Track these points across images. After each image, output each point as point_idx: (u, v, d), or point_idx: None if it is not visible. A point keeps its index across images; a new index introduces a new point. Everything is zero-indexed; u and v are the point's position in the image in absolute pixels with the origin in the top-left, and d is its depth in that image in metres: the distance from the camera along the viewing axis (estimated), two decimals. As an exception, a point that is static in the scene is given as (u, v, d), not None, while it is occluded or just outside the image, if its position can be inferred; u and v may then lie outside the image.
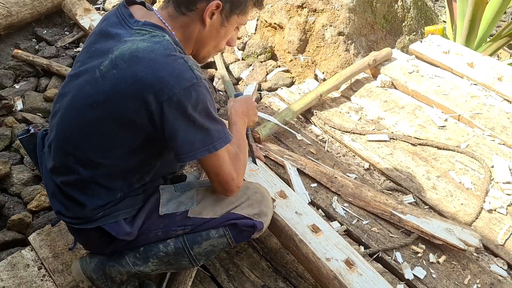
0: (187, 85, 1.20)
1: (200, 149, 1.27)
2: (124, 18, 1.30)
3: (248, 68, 3.30)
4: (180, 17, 1.32)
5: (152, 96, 1.19)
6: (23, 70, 3.26)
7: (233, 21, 1.37)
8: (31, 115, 2.86)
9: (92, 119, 1.27)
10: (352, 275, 1.50)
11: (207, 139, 1.27)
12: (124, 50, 1.22)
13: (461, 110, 2.42)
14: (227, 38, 1.44)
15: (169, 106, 1.20)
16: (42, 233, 1.92)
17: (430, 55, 2.75)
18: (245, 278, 1.77)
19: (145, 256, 1.50)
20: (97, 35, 1.35)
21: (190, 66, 1.22)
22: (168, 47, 1.23)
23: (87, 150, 1.31)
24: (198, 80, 1.22)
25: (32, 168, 2.50)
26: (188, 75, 1.21)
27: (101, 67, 1.24)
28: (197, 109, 1.23)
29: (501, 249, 1.84)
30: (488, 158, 2.19)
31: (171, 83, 1.19)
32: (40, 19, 3.80)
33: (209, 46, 1.41)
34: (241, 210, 1.49)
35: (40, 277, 1.78)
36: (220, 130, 1.30)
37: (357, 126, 2.43)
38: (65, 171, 1.37)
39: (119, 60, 1.22)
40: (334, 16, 3.09)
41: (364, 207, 1.98)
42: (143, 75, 1.19)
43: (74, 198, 1.37)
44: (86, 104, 1.27)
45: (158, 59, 1.20)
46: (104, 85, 1.24)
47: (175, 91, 1.19)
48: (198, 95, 1.22)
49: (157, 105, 1.20)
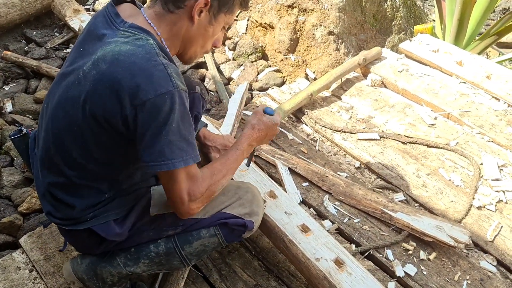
0: (162, 91, 1.17)
1: (159, 162, 1.21)
2: (111, 17, 1.29)
3: (239, 68, 3.30)
4: (167, 15, 1.31)
5: (128, 99, 1.18)
6: (13, 72, 3.23)
7: (220, 19, 1.37)
8: (21, 117, 2.84)
9: (75, 119, 1.27)
10: (342, 274, 1.50)
11: (169, 154, 1.21)
12: (107, 51, 1.21)
13: (451, 108, 2.44)
14: (214, 38, 1.43)
15: (142, 111, 1.18)
16: (33, 236, 1.91)
17: (420, 54, 2.77)
18: (237, 277, 1.78)
19: (136, 257, 1.50)
20: (85, 34, 1.35)
21: (169, 73, 1.20)
22: (150, 52, 1.21)
23: (72, 150, 1.31)
24: (174, 88, 1.19)
25: (23, 170, 2.49)
26: (165, 82, 1.19)
27: (84, 68, 1.25)
28: (169, 119, 1.19)
29: (490, 246, 1.86)
30: (477, 156, 2.21)
31: (146, 89, 1.17)
32: (29, 20, 3.77)
33: (196, 45, 1.40)
34: (232, 209, 1.49)
35: (32, 279, 1.77)
36: (184, 148, 1.23)
37: (347, 125, 2.44)
38: (52, 171, 1.37)
39: (101, 61, 1.21)
40: (324, 16, 3.10)
41: (355, 206, 1.99)
42: (121, 78, 1.18)
43: (60, 199, 1.37)
44: (70, 104, 1.28)
45: (138, 63, 1.19)
46: (85, 85, 1.23)
47: (149, 96, 1.17)
48: (172, 103, 1.19)
49: (131, 109, 1.18)
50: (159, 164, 1.21)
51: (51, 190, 1.39)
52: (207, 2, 1.28)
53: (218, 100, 3.06)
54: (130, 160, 1.38)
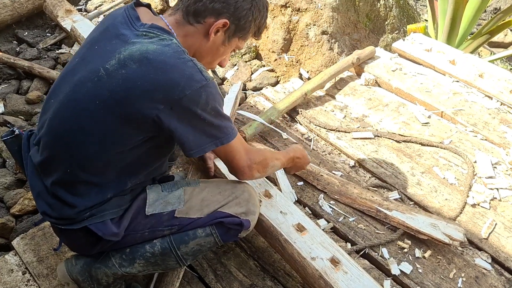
0: (198, 86, 1.24)
1: (208, 143, 1.32)
2: (131, 19, 1.32)
3: (232, 68, 3.29)
4: (186, 25, 1.36)
5: (162, 96, 1.22)
6: (4, 73, 3.21)
7: (233, 42, 1.43)
8: (13, 118, 2.82)
9: (94, 115, 1.27)
10: (337, 273, 1.50)
11: (217, 134, 1.33)
12: (133, 51, 1.24)
13: (444, 107, 2.45)
14: (222, 58, 1.49)
15: (180, 107, 1.24)
16: (26, 238, 1.89)
17: (413, 53, 2.78)
18: (233, 277, 1.77)
19: (131, 257, 1.49)
20: (102, 32, 1.36)
21: (199, 68, 1.27)
22: (177, 50, 1.26)
23: (83, 146, 1.30)
24: (207, 81, 1.26)
25: (15, 172, 2.47)
26: (198, 77, 1.25)
27: (107, 66, 1.25)
28: (207, 109, 1.27)
29: (485, 243, 1.87)
30: (471, 154, 2.22)
31: (182, 85, 1.22)
32: (21, 20, 3.74)
33: (204, 60, 1.44)
34: (228, 208, 1.49)
35: (25, 282, 1.76)
36: (228, 126, 1.35)
37: (342, 124, 2.44)
38: (55, 169, 1.35)
39: (128, 60, 1.23)
40: (318, 15, 3.10)
41: (350, 204, 1.99)
42: (154, 76, 1.22)
43: (61, 198, 1.36)
44: (88, 100, 1.27)
45: (168, 61, 1.23)
46: (110, 83, 1.24)
47: (186, 92, 1.23)
48: (207, 95, 1.26)
49: (166, 105, 1.23)
50: (210, 144, 1.33)
51: (53, 189, 1.37)
52: (226, 23, 1.35)
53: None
54: (146, 159, 1.40)
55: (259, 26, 1.46)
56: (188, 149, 1.32)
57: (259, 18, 1.43)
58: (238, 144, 1.41)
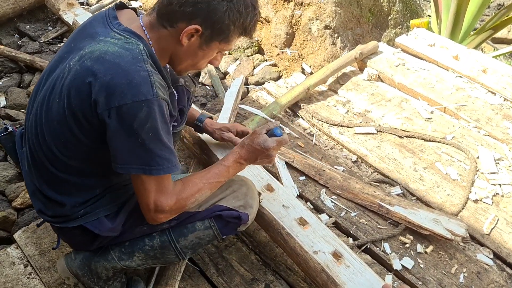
0: (141, 99, 1.15)
1: (135, 165, 1.21)
2: (108, 18, 1.29)
3: (235, 63, 3.28)
4: (160, 28, 1.29)
5: (103, 98, 1.16)
6: (6, 66, 3.20)
7: (213, 46, 1.33)
8: (15, 112, 2.81)
9: (56, 115, 1.25)
10: (340, 267, 1.50)
11: (146, 160, 1.20)
12: (95, 49, 1.20)
13: (447, 102, 2.44)
14: (206, 60, 1.39)
15: (116, 114, 1.15)
16: (28, 231, 1.89)
17: (416, 48, 2.77)
18: (234, 271, 1.77)
19: (130, 251, 1.49)
20: (79, 31, 1.34)
21: (151, 81, 1.17)
22: (137, 57, 1.19)
23: (55, 148, 1.28)
24: (153, 97, 1.17)
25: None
26: (145, 90, 1.16)
27: (71, 63, 1.24)
28: (145, 127, 1.17)
29: (487, 238, 1.86)
30: (474, 149, 2.22)
31: (125, 92, 1.14)
32: (23, 14, 3.73)
33: (186, 63, 1.37)
34: (226, 202, 1.48)
35: (27, 274, 1.76)
36: (164, 157, 1.22)
37: (344, 119, 2.43)
38: (39, 169, 1.35)
39: (87, 57, 1.20)
40: (321, 10, 3.08)
41: (352, 199, 1.99)
42: (101, 76, 1.16)
43: (50, 197, 1.35)
44: (53, 99, 1.26)
45: (122, 65, 1.17)
46: (67, 79, 1.22)
47: (127, 101, 1.14)
48: (149, 112, 1.16)
49: (105, 109, 1.16)
50: (136, 168, 1.20)
51: (40, 188, 1.37)
52: (198, 29, 1.25)
53: (214, 94, 3.04)
54: None
55: (244, 27, 1.32)
56: (113, 160, 1.22)
57: (241, 20, 1.29)
58: (153, 184, 1.24)
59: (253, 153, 1.47)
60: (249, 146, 1.47)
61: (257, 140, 1.46)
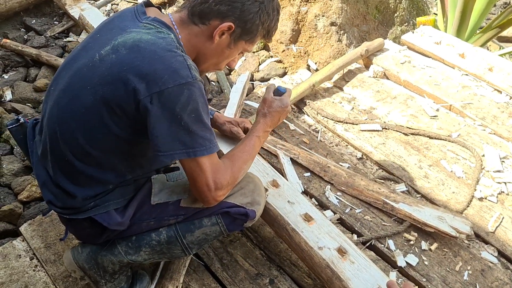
0: (181, 82, 1.18)
1: (179, 150, 1.22)
2: (137, 13, 1.32)
3: (240, 59, 3.28)
4: (191, 25, 1.33)
5: (144, 85, 1.18)
6: (12, 60, 3.22)
7: (239, 45, 1.39)
8: (21, 106, 2.83)
9: (85, 102, 1.25)
10: (344, 263, 1.51)
11: (190, 143, 1.22)
12: (128, 38, 1.23)
13: (453, 100, 2.43)
14: (229, 60, 1.45)
15: (159, 100, 1.18)
16: (34, 224, 1.91)
17: (422, 45, 2.76)
18: (239, 266, 1.78)
19: (137, 245, 1.49)
20: (107, 23, 1.36)
21: (188, 65, 1.22)
22: (170, 44, 1.24)
23: (78, 136, 1.29)
24: (193, 80, 1.20)
25: (23, 159, 2.48)
26: (184, 73, 1.20)
27: (102, 52, 1.25)
28: (187, 109, 1.20)
29: (491, 236, 1.86)
30: (479, 147, 2.21)
31: (166, 77, 1.18)
32: (29, 8, 3.74)
33: (209, 62, 1.42)
34: (233, 198, 1.49)
35: (32, 267, 1.77)
36: (206, 137, 1.25)
37: (349, 116, 2.43)
38: (57, 158, 1.35)
39: (121, 46, 1.22)
40: (327, 6, 3.08)
41: (357, 196, 1.99)
42: (139, 64, 1.19)
43: (63, 187, 1.36)
44: (81, 86, 1.26)
45: (158, 52, 1.20)
46: (100, 67, 1.23)
47: (168, 85, 1.17)
48: (190, 94, 1.20)
49: (147, 95, 1.18)
50: (180, 152, 1.22)
51: (54, 178, 1.37)
52: (231, 27, 1.31)
53: (220, 90, 3.04)
54: (138, 150, 1.37)
55: (269, 30, 1.40)
56: (156, 149, 1.23)
57: (268, 22, 1.37)
58: (208, 164, 1.27)
59: (276, 117, 1.54)
60: (271, 113, 1.53)
61: (274, 104, 1.54)
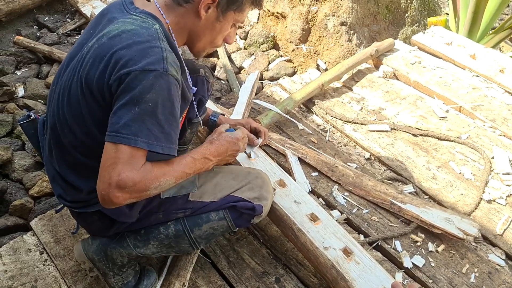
0: (149, 68, 1.16)
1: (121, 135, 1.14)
2: (125, 4, 1.33)
3: (250, 58, 3.29)
4: (176, 7, 1.33)
5: (117, 68, 1.18)
6: (25, 57, 3.26)
7: (229, 17, 1.37)
8: (33, 102, 2.87)
9: (75, 96, 1.28)
10: (350, 263, 1.51)
11: (135, 130, 1.14)
12: (112, 29, 1.24)
13: (463, 102, 2.42)
14: (223, 34, 1.43)
15: (123, 80, 1.16)
16: (44, 219, 1.93)
17: (433, 46, 2.75)
18: (245, 265, 1.79)
19: (145, 238, 1.51)
20: (97, 18, 1.38)
21: (164, 56, 1.19)
22: (152, 35, 1.23)
23: (75, 130, 1.31)
24: (163, 71, 1.17)
25: (34, 154, 2.51)
26: (156, 63, 1.17)
27: (89, 44, 1.27)
28: (145, 96, 1.15)
29: (499, 239, 1.85)
30: (489, 149, 2.20)
31: (136, 61, 1.16)
32: (42, 6, 3.78)
33: (204, 40, 1.41)
34: (241, 193, 1.50)
35: (42, 261, 1.80)
36: (154, 133, 1.17)
37: (358, 116, 2.43)
38: (61, 152, 1.38)
39: (105, 36, 1.24)
40: (337, 6, 3.07)
41: (364, 196, 1.99)
42: (117, 49, 1.19)
43: (69, 181, 1.38)
44: (73, 81, 1.29)
45: (138, 41, 1.20)
46: (86, 58, 1.26)
47: (136, 68, 1.15)
48: (154, 83, 1.16)
49: (116, 77, 1.18)
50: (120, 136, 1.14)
51: (61, 172, 1.40)
52: None
53: (229, 88, 3.05)
54: None
55: None
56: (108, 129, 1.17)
57: None
58: (130, 155, 1.15)
59: (223, 146, 1.48)
60: (219, 141, 1.49)
61: (224, 134, 1.53)
